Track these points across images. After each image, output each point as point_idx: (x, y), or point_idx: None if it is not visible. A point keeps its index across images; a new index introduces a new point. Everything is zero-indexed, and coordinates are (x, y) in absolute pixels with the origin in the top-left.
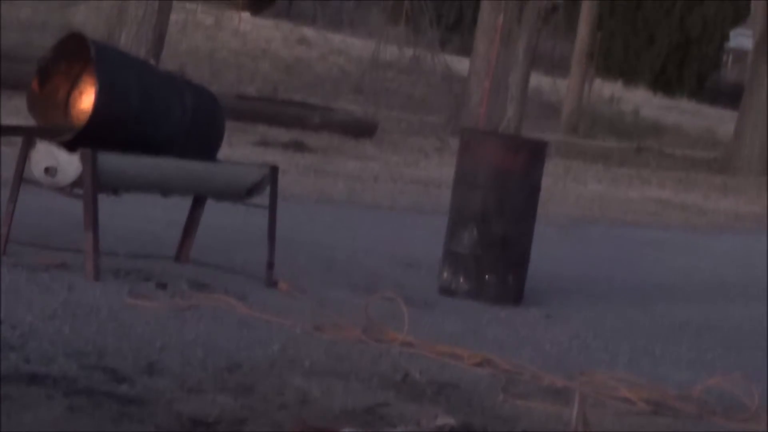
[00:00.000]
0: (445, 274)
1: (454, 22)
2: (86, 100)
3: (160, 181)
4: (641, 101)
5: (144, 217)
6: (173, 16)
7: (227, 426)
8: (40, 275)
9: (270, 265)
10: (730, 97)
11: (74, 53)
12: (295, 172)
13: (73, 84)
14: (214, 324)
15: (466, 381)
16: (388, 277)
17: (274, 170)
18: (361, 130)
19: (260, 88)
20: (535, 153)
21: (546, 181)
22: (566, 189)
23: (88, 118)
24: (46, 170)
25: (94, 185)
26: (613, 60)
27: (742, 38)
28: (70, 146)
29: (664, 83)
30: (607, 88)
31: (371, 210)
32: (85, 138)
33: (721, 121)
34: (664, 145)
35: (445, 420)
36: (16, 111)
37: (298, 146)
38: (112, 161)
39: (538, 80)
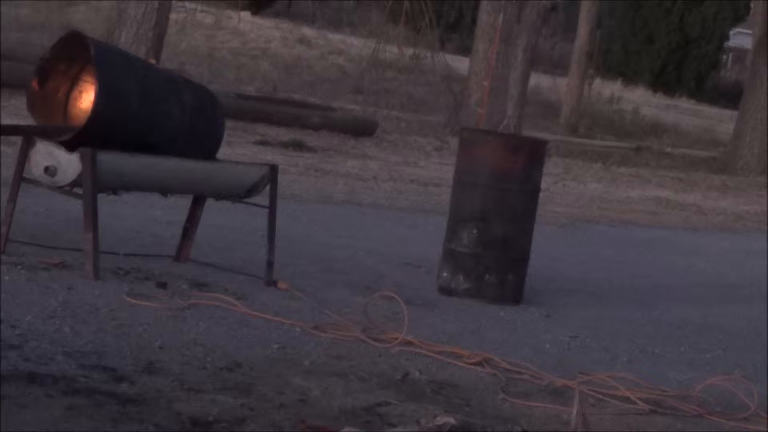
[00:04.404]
0: (445, 274)
1: (453, 22)
2: (86, 99)
3: (160, 180)
4: (641, 101)
5: (144, 216)
6: (173, 16)
7: (227, 425)
8: (39, 275)
9: (269, 265)
10: (730, 96)
11: (74, 53)
12: (295, 171)
13: (73, 84)
14: (214, 323)
15: (465, 380)
16: (388, 277)
17: (273, 169)
18: (361, 129)
19: (260, 87)
20: (535, 152)
21: (546, 181)
22: (566, 188)
23: (88, 118)
24: (46, 170)
25: (94, 185)
26: (613, 59)
27: (741, 38)
28: (70, 146)
29: (664, 83)
30: (606, 88)
31: (371, 209)
32: (85, 138)
33: (720, 120)
34: (664, 144)
35: (445, 419)
36: (16, 111)
37: (298, 146)
38: (112, 161)
39: (538, 80)
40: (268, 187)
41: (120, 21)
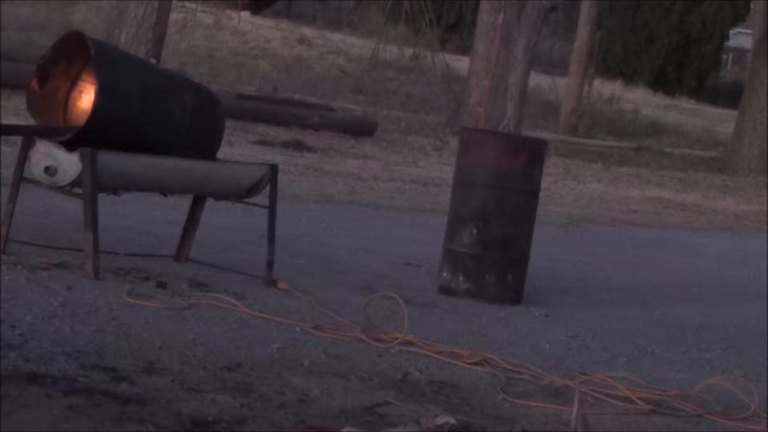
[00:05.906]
0: (445, 274)
1: (453, 22)
2: (86, 99)
3: (160, 180)
4: (641, 101)
5: (144, 216)
6: (173, 16)
7: (227, 425)
8: (39, 275)
9: (269, 265)
10: (730, 96)
11: (74, 53)
12: (295, 171)
13: (73, 83)
14: (214, 323)
15: (465, 380)
16: (388, 277)
17: (273, 169)
18: (361, 129)
19: (260, 87)
20: (535, 152)
21: (545, 181)
22: (566, 188)
23: (88, 118)
24: (46, 170)
25: (94, 185)
26: (613, 59)
27: (741, 38)
28: (70, 146)
29: (664, 83)
30: (606, 88)
31: (371, 209)
32: (85, 137)
33: (720, 120)
34: (664, 144)
35: (445, 419)
36: (16, 111)
37: (298, 145)
38: (112, 161)
39: (538, 80)
40: (268, 187)
41: (120, 21)
